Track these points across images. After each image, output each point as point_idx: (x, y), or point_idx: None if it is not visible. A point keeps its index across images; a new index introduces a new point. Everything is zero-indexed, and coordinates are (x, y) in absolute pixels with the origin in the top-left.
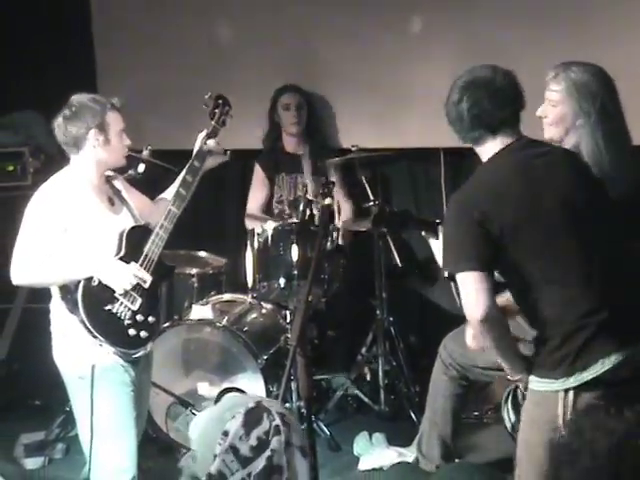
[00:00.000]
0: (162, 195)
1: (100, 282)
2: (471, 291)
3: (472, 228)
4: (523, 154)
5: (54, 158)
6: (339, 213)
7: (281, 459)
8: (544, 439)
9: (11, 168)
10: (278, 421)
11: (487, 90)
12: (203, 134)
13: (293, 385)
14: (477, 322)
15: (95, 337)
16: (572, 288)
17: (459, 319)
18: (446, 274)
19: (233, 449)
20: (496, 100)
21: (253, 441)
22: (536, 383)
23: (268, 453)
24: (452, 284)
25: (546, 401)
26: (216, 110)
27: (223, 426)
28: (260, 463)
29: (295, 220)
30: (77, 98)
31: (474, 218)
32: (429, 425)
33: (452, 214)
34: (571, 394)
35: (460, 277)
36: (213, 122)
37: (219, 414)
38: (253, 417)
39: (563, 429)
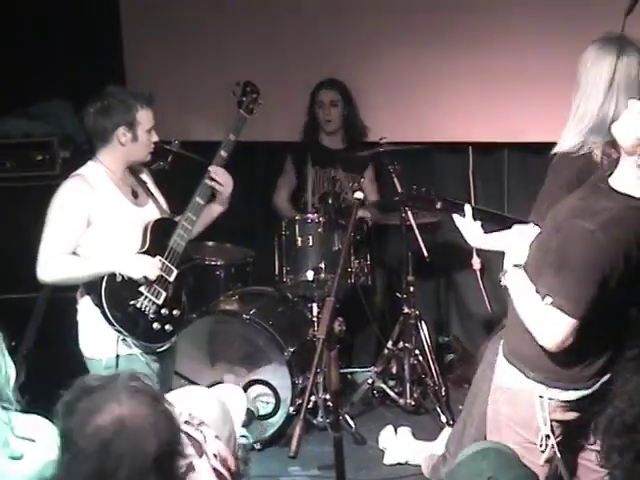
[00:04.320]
0: None
1: (124, 277)
2: (563, 332)
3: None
4: None
5: (82, 148)
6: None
7: None
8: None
9: (40, 157)
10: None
11: None
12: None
13: (320, 378)
14: (547, 347)
15: (119, 331)
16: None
17: (486, 314)
18: (549, 301)
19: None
20: None
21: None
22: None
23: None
24: (479, 278)
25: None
26: (244, 98)
27: None
28: None
29: (323, 213)
30: (111, 91)
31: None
32: (462, 428)
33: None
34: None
35: (562, 316)
36: (241, 110)
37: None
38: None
39: None
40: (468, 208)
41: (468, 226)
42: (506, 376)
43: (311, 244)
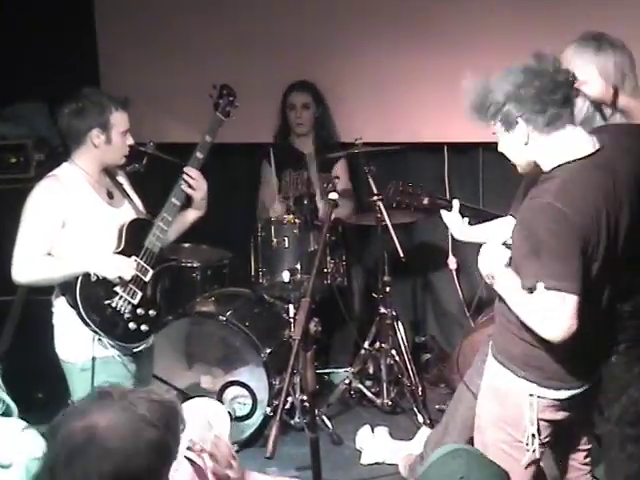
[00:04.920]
0: None
1: (98, 277)
2: (568, 313)
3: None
4: None
5: (57, 150)
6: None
7: None
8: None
9: (14, 160)
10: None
11: None
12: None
13: (296, 379)
14: (551, 340)
15: (94, 331)
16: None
17: (462, 314)
18: (542, 287)
19: None
20: None
21: None
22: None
23: None
24: (455, 278)
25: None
26: (220, 100)
27: None
28: None
29: (299, 215)
30: (86, 93)
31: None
32: (443, 432)
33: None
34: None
35: (561, 296)
36: (217, 112)
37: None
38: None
39: None
40: (456, 203)
41: (456, 221)
42: (496, 376)
43: (287, 245)
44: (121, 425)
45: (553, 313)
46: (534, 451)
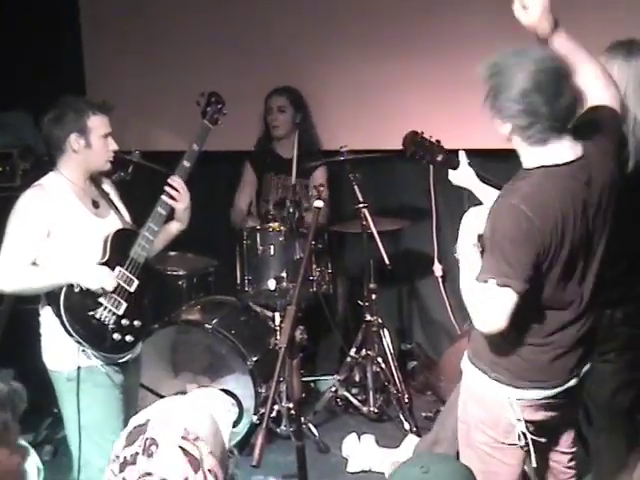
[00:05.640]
0: None
1: (82, 288)
2: (504, 309)
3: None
4: None
5: (43, 159)
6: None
7: None
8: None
9: None
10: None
11: None
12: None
13: (282, 387)
14: (486, 331)
15: (78, 342)
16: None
17: (448, 321)
18: (489, 280)
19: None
20: None
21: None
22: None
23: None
24: (441, 285)
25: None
26: (208, 108)
27: None
28: None
29: (284, 222)
30: (65, 100)
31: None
32: (433, 441)
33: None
34: None
35: (500, 290)
36: (205, 120)
37: None
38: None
39: None
40: (462, 154)
41: (463, 172)
42: (471, 378)
43: (272, 253)
44: None
45: (488, 305)
46: (527, 449)
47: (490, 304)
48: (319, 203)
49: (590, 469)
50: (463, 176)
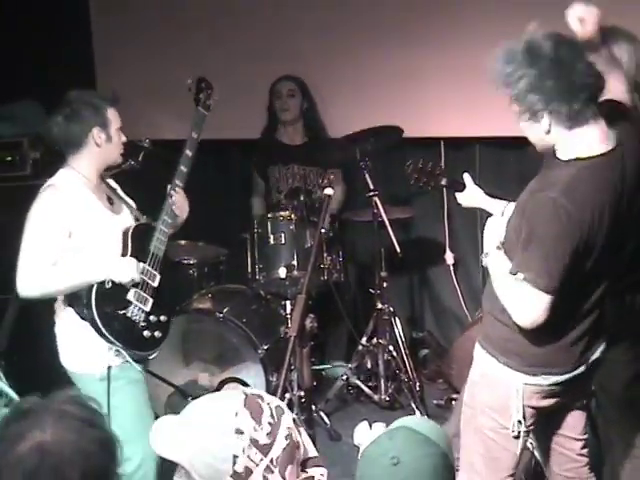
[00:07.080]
0: None
1: (112, 285)
2: (537, 308)
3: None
4: None
5: (53, 148)
6: None
7: (296, 435)
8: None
9: (9, 158)
10: (276, 402)
11: None
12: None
13: (293, 375)
14: (527, 326)
15: (112, 343)
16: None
17: (459, 309)
18: (521, 277)
19: (253, 442)
20: None
21: (266, 427)
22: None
23: (285, 432)
24: (452, 274)
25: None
26: (200, 95)
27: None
28: (279, 445)
29: (295, 210)
30: (75, 96)
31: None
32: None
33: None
34: None
35: (535, 292)
36: (199, 107)
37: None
38: (253, 407)
39: None
40: (467, 177)
41: (471, 193)
42: (481, 362)
43: (283, 241)
44: (66, 432)
45: (525, 303)
46: (518, 437)
47: (527, 301)
48: (329, 191)
49: (604, 460)
50: (471, 197)
